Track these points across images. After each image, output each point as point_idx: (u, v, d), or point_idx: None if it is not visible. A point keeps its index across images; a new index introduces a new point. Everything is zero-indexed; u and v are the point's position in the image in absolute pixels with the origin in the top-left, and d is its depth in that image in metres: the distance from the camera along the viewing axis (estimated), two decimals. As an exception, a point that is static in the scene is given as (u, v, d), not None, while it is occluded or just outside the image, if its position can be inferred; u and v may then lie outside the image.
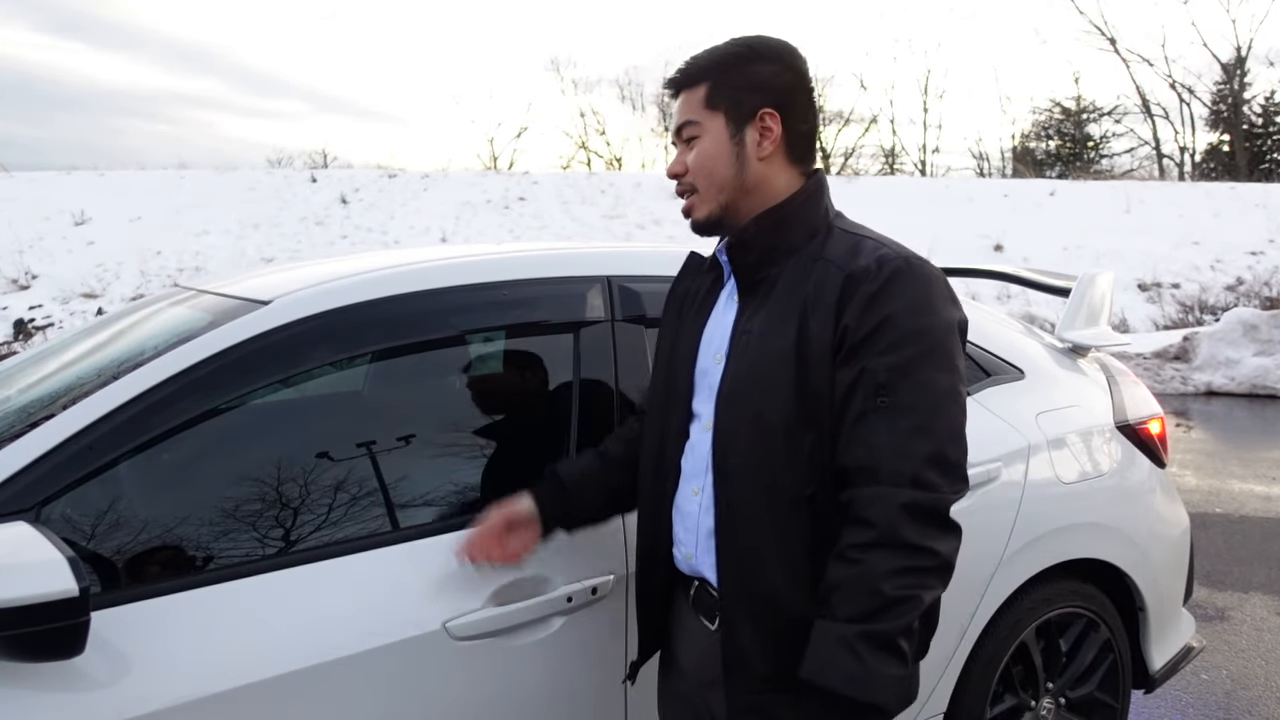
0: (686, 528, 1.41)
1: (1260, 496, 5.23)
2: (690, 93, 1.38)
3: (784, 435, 1.27)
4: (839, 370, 1.25)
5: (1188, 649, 2.53)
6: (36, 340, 11.39)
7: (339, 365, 1.69)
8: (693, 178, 1.38)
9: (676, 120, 1.40)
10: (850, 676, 1.14)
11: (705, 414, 1.38)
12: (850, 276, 1.26)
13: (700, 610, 1.42)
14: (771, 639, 1.29)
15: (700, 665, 1.43)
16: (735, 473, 1.31)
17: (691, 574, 1.43)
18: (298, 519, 1.53)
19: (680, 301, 1.51)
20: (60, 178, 19.31)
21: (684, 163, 1.39)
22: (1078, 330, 2.55)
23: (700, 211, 1.39)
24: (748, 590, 1.31)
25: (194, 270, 14.49)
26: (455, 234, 17.22)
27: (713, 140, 1.36)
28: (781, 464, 1.27)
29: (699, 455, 1.39)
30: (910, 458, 1.19)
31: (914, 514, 1.17)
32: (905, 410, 1.20)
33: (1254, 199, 18.37)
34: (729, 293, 1.42)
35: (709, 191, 1.38)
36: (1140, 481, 2.39)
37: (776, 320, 1.30)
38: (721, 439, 1.33)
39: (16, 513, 1.29)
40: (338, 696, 1.42)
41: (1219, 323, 9.34)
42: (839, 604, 1.18)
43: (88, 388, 1.49)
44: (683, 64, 1.40)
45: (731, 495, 1.31)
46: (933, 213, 17.03)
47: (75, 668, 1.25)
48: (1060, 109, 36.23)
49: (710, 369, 1.39)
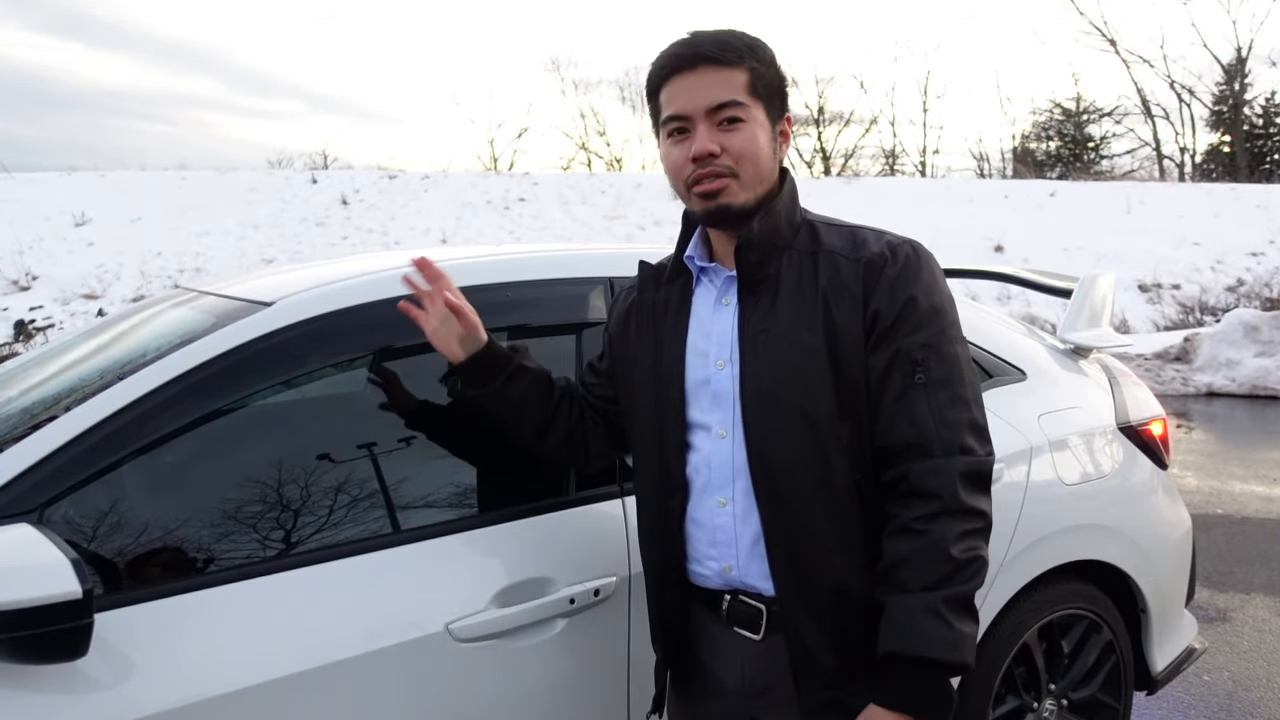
0: (718, 541, 1.35)
1: (1261, 497, 5.23)
2: (730, 72, 1.28)
3: (828, 427, 1.27)
4: (872, 355, 1.27)
5: (1190, 650, 2.53)
6: (37, 341, 11.39)
7: (341, 367, 1.69)
8: (734, 161, 1.28)
9: (714, 96, 1.27)
10: (944, 641, 1.18)
11: (716, 422, 1.34)
12: (869, 264, 1.29)
13: (739, 623, 1.37)
14: (836, 633, 1.30)
15: (748, 678, 1.38)
16: (780, 474, 1.29)
17: (725, 588, 1.37)
18: (300, 521, 1.53)
19: (650, 313, 1.44)
20: (60, 178, 19.32)
21: (719, 143, 1.28)
22: (1079, 331, 2.54)
23: (740, 197, 1.29)
24: (810, 590, 1.29)
25: (194, 271, 14.49)
26: (456, 235, 17.22)
27: (760, 130, 1.30)
28: (831, 455, 1.28)
29: (718, 465, 1.34)
30: (954, 427, 1.24)
31: (969, 480, 1.23)
32: (940, 384, 1.26)
33: (1255, 200, 18.37)
34: (714, 297, 1.38)
35: (752, 180, 1.30)
36: (1142, 483, 2.39)
37: (796, 317, 1.29)
38: (756, 442, 1.30)
39: (19, 514, 1.29)
40: (341, 698, 1.42)
41: (1220, 324, 9.35)
42: (912, 576, 1.21)
43: (90, 390, 1.49)
44: (702, 37, 1.30)
45: (778, 497, 1.29)
46: (933, 214, 17.03)
47: (78, 670, 1.25)
48: (1060, 110, 36.30)
49: (714, 376, 1.35)
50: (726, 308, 1.36)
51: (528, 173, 23.50)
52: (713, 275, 1.39)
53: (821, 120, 36.45)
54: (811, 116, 36.15)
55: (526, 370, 1.54)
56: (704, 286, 1.41)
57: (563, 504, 1.70)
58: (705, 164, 1.29)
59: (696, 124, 1.29)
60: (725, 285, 1.38)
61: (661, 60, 1.33)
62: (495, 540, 1.61)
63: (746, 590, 1.36)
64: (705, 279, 1.41)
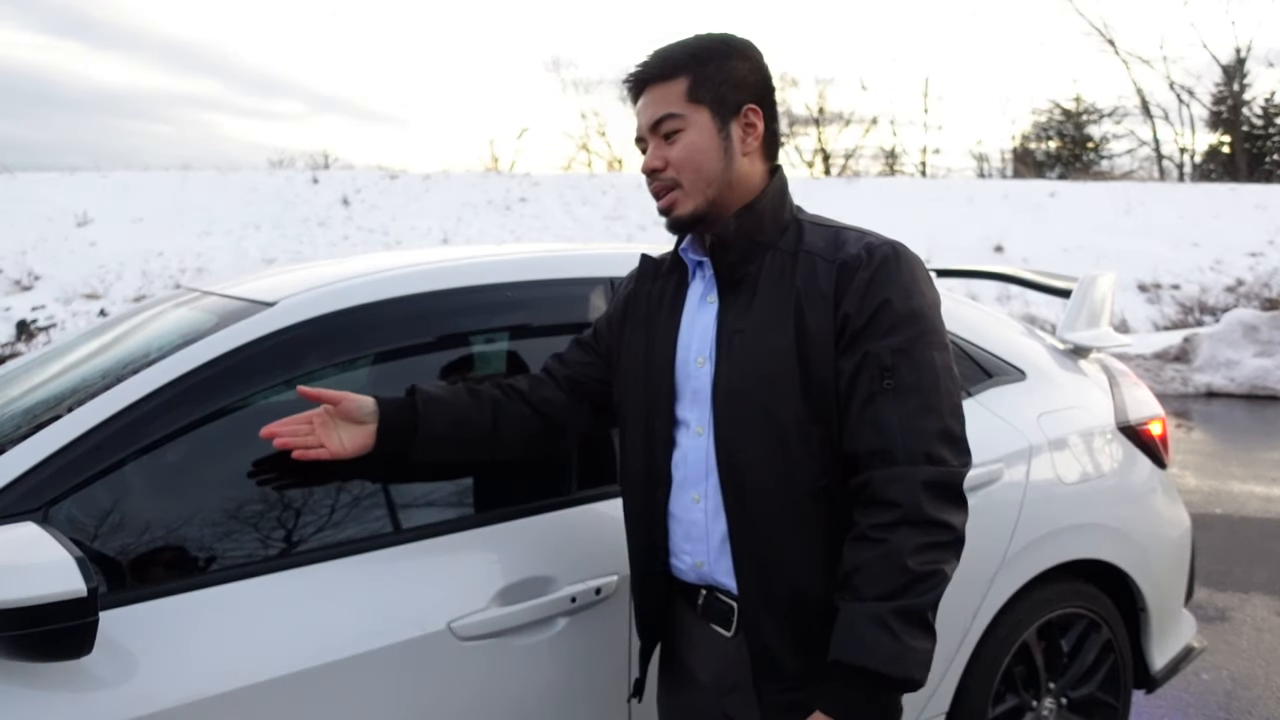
0: (692, 537, 1.38)
1: (1261, 497, 5.24)
2: (666, 86, 1.32)
3: (795, 430, 1.27)
4: (841, 358, 1.26)
5: (1189, 649, 2.54)
6: (39, 341, 11.40)
7: (343, 367, 1.69)
8: (676, 172, 1.32)
9: (651, 114, 1.33)
10: (888, 654, 1.15)
11: (694, 419, 1.36)
12: (843, 265, 1.27)
13: (713, 619, 1.39)
14: (798, 635, 1.29)
15: (719, 674, 1.40)
16: (746, 474, 1.29)
17: (700, 583, 1.40)
18: (302, 520, 1.53)
19: (646, 304, 1.46)
20: (62, 179, 19.34)
21: (663, 157, 1.33)
22: (1079, 331, 2.55)
23: (685, 207, 1.33)
24: (770, 591, 1.30)
25: (196, 271, 14.50)
26: (457, 235, 17.23)
27: (699, 133, 1.32)
28: (796, 459, 1.27)
29: (694, 462, 1.36)
30: (922, 436, 1.21)
31: (933, 490, 1.19)
32: (911, 390, 1.22)
33: (1254, 200, 18.38)
34: (701, 294, 1.39)
35: (695, 186, 1.32)
36: (1141, 482, 2.40)
37: (769, 317, 1.29)
38: (725, 442, 1.31)
39: (24, 513, 1.30)
40: (343, 697, 1.42)
41: (1219, 324, 9.35)
42: (865, 584, 1.18)
43: (94, 389, 1.49)
44: (649, 58, 1.35)
45: (744, 497, 1.30)
46: (933, 213, 17.04)
47: (82, 668, 1.26)
48: (1060, 110, 36.32)
49: (694, 373, 1.36)
50: (710, 305, 1.38)
51: (529, 173, 23.52)
52: (704, 271, 1.41)
53: (822, 120, 36.52)
54: (812, 116, 36.21)
55: (435, 400, 1.49)
56: (697, 282, 1.42)
57: (564, 503, 1.71)
58: (653, 179, 1.36)
59: (649, 142, 1.36)
60: (711, 283, 1.39)
61: (626, 86, 1.38)
62: (497, 539, 1.62)
63: (719, 587, 1.37)
64: (699, 274, 1.42)
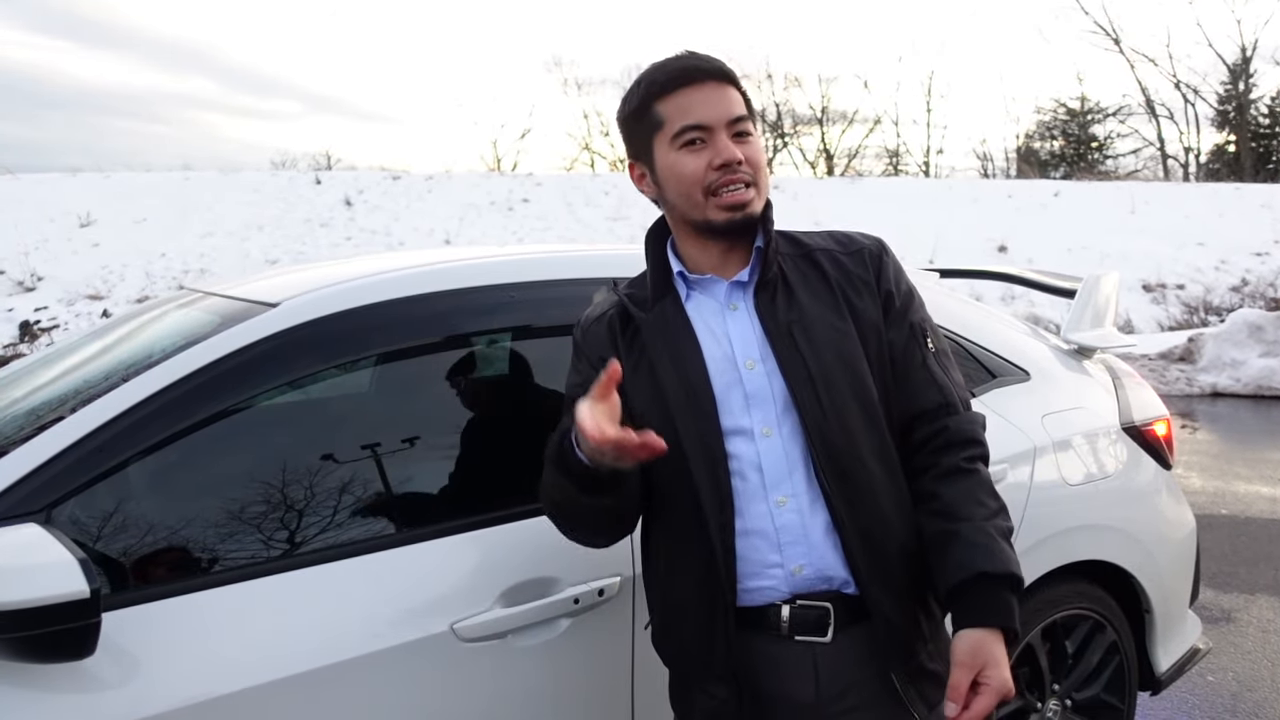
0: (786, 541, 1.31)
1: (1266, 498, 5.22)
2: (733, 90, 1.35)
3: (871, 400, 1.36)
4: (890, 331, 1.40)
5: (1194, 651, 2.53)
6: (42, 342, 11.42)
7: (346, 368, 1.69)
8: (751, 170, 1.34)
9: (729, 109, 1.33)
10: (1009, 558, 1.29)
11: (757, 422, 1.32)
12: (870, 253, 1.44)
13: (804, 630, 1.32)
14: (909, 598, 1.35)
15: (823, 685, 1.33)
16: (846, 457, 1.31)
17: (789, 596, 1.32)
18: (305, 521, 1.53)
19: (660, 338, 1.37)
20: (65, 180, 19.38)
21: (742, 154, 1.33)
22: (1083, 331, 2.55)
23: (756, 206, 1.35)
24: (885, 563, 1.32)
25: (199, 272, 14.53)
26: (459, 236, 17.24)
27: (760, 142, 1.38)
28: (878, 427, 1.36)
29: (772, 463, 1.31)
30: (960, 387, 1.43)
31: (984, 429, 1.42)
32: (942, 352, 1.44)
33: (1259, 200, 18.35)
34: (719, 304, 1.37)
35: (764, 189, 1.38)
36: (1146, 483, 2.39)
37: (820, 306, 1.36)
38: (818, 430, 1.30)
39: (27, 515, 1.30)
40: (346, 698, 1.42)
41: (1224, 324, 9.33)
42: (974, 507, 1.32)
43: (97, 390, 1.49)
44: (706, 56, 1.36)
45: (844, 476, 1.31)
46: (937, 213, 17.01)
47: (85, 669, 1.26)
48: (1065, 109, 36.25)
49: (745, 377, 1.33)
50: (736, 312, 1.36)
51: (531, 173, 23.53)
52: (707, 286, 1.39)
53: (825, 120, 36.50)
54: (815, 116, 36.21)
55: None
56: (696, 299, 1.40)
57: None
58: (732, 170, 1.31)
59: (717, 133, 1.32)
60: (729, 292, 1.37)
61: (665, 74, 1.34)
62: (499, 540, 1.62)
63: (812, 592, 1.32)
64: (696, 291, 1.40)
